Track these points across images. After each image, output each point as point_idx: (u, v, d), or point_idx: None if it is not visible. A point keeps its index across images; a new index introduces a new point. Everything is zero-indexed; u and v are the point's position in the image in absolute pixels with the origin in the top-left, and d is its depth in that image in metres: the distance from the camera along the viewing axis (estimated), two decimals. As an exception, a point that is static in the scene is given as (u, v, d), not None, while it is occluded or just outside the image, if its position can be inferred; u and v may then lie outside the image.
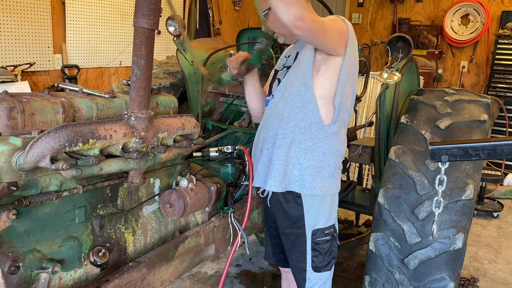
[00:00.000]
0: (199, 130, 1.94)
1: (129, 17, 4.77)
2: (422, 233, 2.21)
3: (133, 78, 1.56)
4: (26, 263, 1.40)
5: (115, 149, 1.55)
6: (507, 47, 5.71)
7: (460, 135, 2.41)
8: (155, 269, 1.80)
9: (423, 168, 2.32)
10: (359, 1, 7.35)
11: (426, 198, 2.25)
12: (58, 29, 4.22)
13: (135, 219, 1.85)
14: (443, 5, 6.60)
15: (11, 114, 1.33)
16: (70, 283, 1.56)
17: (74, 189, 1.52)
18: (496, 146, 1.74)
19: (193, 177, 1.94)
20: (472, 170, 2.31)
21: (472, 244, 3.94)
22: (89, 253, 1.61)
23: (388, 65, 2.62)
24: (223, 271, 2.00)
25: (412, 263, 2.21)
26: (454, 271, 2.18)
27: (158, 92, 1.92)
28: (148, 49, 1.53)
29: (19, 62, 3.86)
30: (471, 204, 2.24)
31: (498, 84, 5.77)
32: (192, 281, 3.21)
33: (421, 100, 2.70)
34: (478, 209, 4.53)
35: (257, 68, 2.10)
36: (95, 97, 1.63)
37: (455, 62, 6.68)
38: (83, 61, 4.48)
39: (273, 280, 3.30)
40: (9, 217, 1.32)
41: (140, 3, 1.47)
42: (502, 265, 3.65)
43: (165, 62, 3.45)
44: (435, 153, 1.84)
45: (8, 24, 3.77)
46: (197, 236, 2.03)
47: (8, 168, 1.30)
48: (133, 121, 1.57)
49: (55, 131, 1.34)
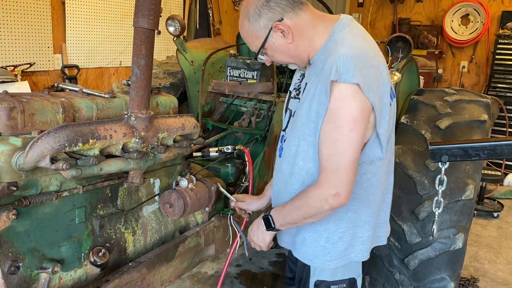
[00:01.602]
0: (199, 130, 1.94)
1: (129, 17, 4.77)
2: (422, 233, 2.21)
3: (133, 78, 1.56)
4: (26, 263, 1.40)
5: (115, 149, 1.54)
6: (507, 47, 5.71)
7: (460, 135, 2.41)
8: (155, 269, 1.80)
9: (423, 168, 2.33)
10: (359, 1, 7.34)
11: (426, 198, 2.25)
12: (58, 29, 4.21)
13: (135, 219, 1.85)
14: (443, 5, 6.60)
15: (11, 114, 1.33)
16: (70, 283, 1.56)
17: (74, 189, 1.52)
18: (496, 146, 1.74)
19: (193, 177, 1.94)
20: (472, 170, 2.31)
21: (472, 244, 3.94)
22: (89, 253, 1.61)
23: (388, 65, 2.62)
24: (222, 272, 1.96)
25: (412, 263, 2.21)
26: (454, 271, 2.19)
27: (158, 92, 1.92)
28: (148, 49, 1.53)
29: (19, 62, 3.86)
30: (471, 204, 2.24)
31: (498, 84, 5.77)
32: (192, 281, 3.21)
33: (421, 100, 2.70)
34: (478, 209, 4.52)
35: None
36: (95, 97, 1.63)
37: (455, 62, 6.68)
38: (83, 61, 4.48)
39: (273, 280, 3.30)
40: (9, 217, 1.32)
41: (140, 3, 1.47)
42: (502, 265, 3.65)
43: (165, 62, 3.45)
44: (435, 153, 1.84)
45: (8, 24, 3.77)
46: (197, 236, 2.03)
47: (8, 168, 1.29)
48: (133, 121, 1.57)
49: (55, 131, 1.34)
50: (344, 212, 1.54)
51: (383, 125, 1.46)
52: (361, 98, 1.35)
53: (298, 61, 1.54)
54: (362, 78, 1.34)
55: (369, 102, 1.37)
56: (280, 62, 1.61)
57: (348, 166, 1.38)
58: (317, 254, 1.58)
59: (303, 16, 1.47)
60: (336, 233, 1.56)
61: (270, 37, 1.47)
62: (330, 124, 1.39)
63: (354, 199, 1.52)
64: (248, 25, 1.49)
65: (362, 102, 1.36)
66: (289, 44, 1.48)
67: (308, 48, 1.50)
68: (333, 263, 1.58)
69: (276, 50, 1.51)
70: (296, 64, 1.59)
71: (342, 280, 1.62)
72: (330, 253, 1.57)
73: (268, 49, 1.52)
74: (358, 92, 1.35)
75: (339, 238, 1.56)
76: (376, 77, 1.40)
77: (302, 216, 1.49)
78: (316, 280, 1.63)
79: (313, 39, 1.49)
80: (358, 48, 1.41)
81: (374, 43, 1.55)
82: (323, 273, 1.61)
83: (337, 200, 1.39)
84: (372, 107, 1.39)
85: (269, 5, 1.44)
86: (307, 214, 1.47)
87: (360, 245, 1.59)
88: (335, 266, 1.58)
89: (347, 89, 1.35)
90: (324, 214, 1.47)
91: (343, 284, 1.62)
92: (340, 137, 1.38)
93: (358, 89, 1.34)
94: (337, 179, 1.38)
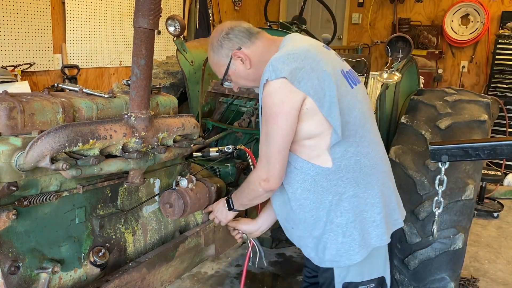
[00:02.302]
0: (199, 130, 1.94)
1: (129, 17, 4.77)
2: (422, 233, 2.21)
3: (133, 78, 1.56)
4: (26, 263, 1.40)
5: (115, 149, 1.54)
6: (507, 47, 5.71)
7: (460, 135, 2.41)
8: (155, 269, 1.80)
9: (423, 168, 2.32)
10: (359, 1, 7.34)
11: (426, 198, 2.25)
12: (58, 29, 4.22)
13: (135, 219, 1.85)
14: (443, 5, 6.60)
15: (11, 114, 1.32)
16: (70, 283, 1.56)
17: (74, 189, 1.52)
18: (496, 146, 1.74)
19: (193, 177, 1.94)
20: (472, 170, 2.31)
21: (472, 244, 3.94)
22: (89, 253, 1.61)
23: (388, 65, 2.62)
24: (243, 272, 1.99)
25: (412, 263, 2.21)
26: (454, 271, 2.19)
27: (158, 92, 1.92)
28: (148, 49, 1.53)
29: (19, 62, 3.86)
30: (471, 204, 2.24)
31: (498, 84, 5.77)
32: (192, 281, 3.21)
33: (421, 100, 2.70)
34: (478, 209, 4.52)
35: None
36: (95, 97, 1.63)
37: (455, 62, 6.68)
38: (83, 61, 4.48)
39: (273, 280, 3.30)
40: (9, 217, 1.32)
41: (140, 3, 1.47)
42: (502, 265, 3.65)
43: (165, 62, 3.45)
44: (435, 153, 1.84)
45: (8, 24, 3.77)
46: (197, 236, 2.03)
47: (8, 168, 1.29)
48: (133, 121, 1.57)
49: (55, 131, 1.34)
50: (348, 201, 1.58)
51: (332, 108, 1.51)
52: (287, 89, 1.47)
53: (259, 84, 1.62)
54: (289, 71, 1.47)
55: (300, 92, 1.47)
56: (245, 87, 1.80)
57: (276, 154, 1.53)
58: (340, 253, 1.61)
59: (258, 44, 1.68)
60: (348, 224, 1.59)
61: (231, 64, 1.68)
62: (262, 119, 1.56)
63: (351, 184, 1.58)
64: (213, 55, 1.73)
65: (288, 93, 1.47)
66: (248, 70, 1.68)
67: None
68: (358, 256, 1.60)
69: (238, 75, 1.71)
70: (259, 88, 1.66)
71: (371, 280, 1.66)
72: (352, 246, 1.60)
73: (232, 75, 1.72)
74: (286, 84, 1.47)
75: (353, 228, 1.59)
76: (311, 67, 1.50)
77: (247, 198, 1.72)
78: (344, 282, 1.65)
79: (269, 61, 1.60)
80: (287, 50, 1.56)
81: (317, 42, 1.71)
82: (349, 273, 1.64)
83: (267, 184, 1.57)
84: (305, 95, 1.48)
85: (229, 37, 1.67)
86: (250, 196, 1.69)
87: (376, 229, 1.62)
88: (360, 258, 1.60)
89: (274, 84, 1.48)
90: (263, 197, 1.67)
91: (372, 284, 1.67)
92: (267, 130, 1.53)
93: (286, 81, 1.47)
94: (267, 166, 1.55)
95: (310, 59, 1.52)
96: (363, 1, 7.32)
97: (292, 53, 1.53)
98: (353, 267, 1.62)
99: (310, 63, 1.51)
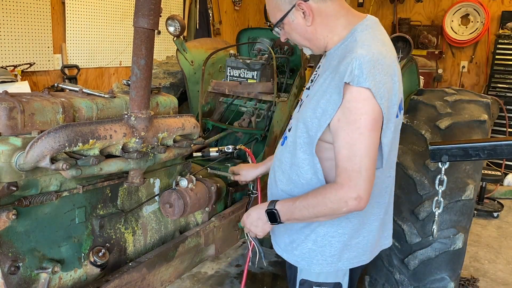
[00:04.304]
0: (199, 130, 1.94)
1: (129, 17, 4.77)
2: (422, 233, 2.21)
3: (133, 78, 1.56)
4: (26, 263, 1.40)
5: (115, 149, 1.54)
6: (507, 47, 5.71)
7: (460, 135, 2.41)
8: (155, 269, 1.80)
9: (423, 168, 2.32)
10: (359, 1, 7.34)
11: (426, 198, 2.25)
12: (58, 29, 4.21)
13: (135, 219, 1.85)
14: (443, 5, 6.60)
15: (11, 114, 1.33)
16: (70, 283, 1.56)
17: (74, 189, 1.52)
18: (496, 146, 1.74)
19: (193, 177, 1.94)
20: (472, 170, 2.31)
21: (472, 244, 3.94)
22: (89, 253, 1.61)
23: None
24: (243, 273, 1.94)
25: (412, 263, 2.21)
26: (454, 271, 2.19)
27: (158, 92, 1.92)
28: (148, 49, 1.53)
29: (19, 62, 3.86)
30: (471, 204, 2.24)
31: (498, 84, 5.77)
32: (192, 281, 3.21)
33: (421, 100, 2.70)
34: (478, 209, 4.53)
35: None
36: (95, 97, 1.63)
37: (455, 62, 6.68)
38: (83, 61, 4.48)
39: (273, 280, 3.30)
40: (9, 217, 1.32)
41: (140, 3, 1.47)
42: (502, 265, 3.65)
43: (165, 62, 3.45)
44: (435, 153, 1.84)
45: (8, 24, 3.77)
46: (197, 236, 2.03)
47: (8, 168, 1.29)
48: (133, 121, 1.57)
49: (55, 131, 1.34)
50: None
51: (387, 135, 1.42)
52: (373, 102, 1.33)
53: (312, 46, 1.52)
54: (375, 84, 1.31)
55: (380, 108, 1.34)
56: (295, 42, 1.57)
57: (370, 168, 1.34)
58: (312, 256, 1.57)
59: (328, 4, 1.45)
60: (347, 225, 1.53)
61: (291, 13, 1.45)
62: (347, 124, 1.34)
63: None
64: None
65: (375, 107, 1.33)
66: (308, 27, 1.46)
67: (326, 37, 1.48)
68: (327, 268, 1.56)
69: (294, 28, 1.49)
70: (310, 49, 1.55)
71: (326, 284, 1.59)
72: (326, 259, 1.55)
73: (286, 25, 1.50)
74: (371, 97, 1.32)
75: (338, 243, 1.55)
76: (389, 86, 1.36)
77: (314, 214, 1.43)
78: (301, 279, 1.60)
79: (333, 30, 1.47)
80: (376, 53, 1.37)
81: (394, 51, 1.51)
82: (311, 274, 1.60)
83: (357, 204, 1.35)
84: (382, 114, 1.35)
85: None
86: (320, 214, 1.42)
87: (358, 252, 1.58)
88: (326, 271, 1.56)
89: (360, 92, 1.32)
90: (337, 216, 1.45)
91: None
92: (360, 138, 1.33)
93: (371, 94, 1.32)
94: (359, 181, 1.33)
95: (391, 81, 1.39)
96: (363, 1, 7.32)
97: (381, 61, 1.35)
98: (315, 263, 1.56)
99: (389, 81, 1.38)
